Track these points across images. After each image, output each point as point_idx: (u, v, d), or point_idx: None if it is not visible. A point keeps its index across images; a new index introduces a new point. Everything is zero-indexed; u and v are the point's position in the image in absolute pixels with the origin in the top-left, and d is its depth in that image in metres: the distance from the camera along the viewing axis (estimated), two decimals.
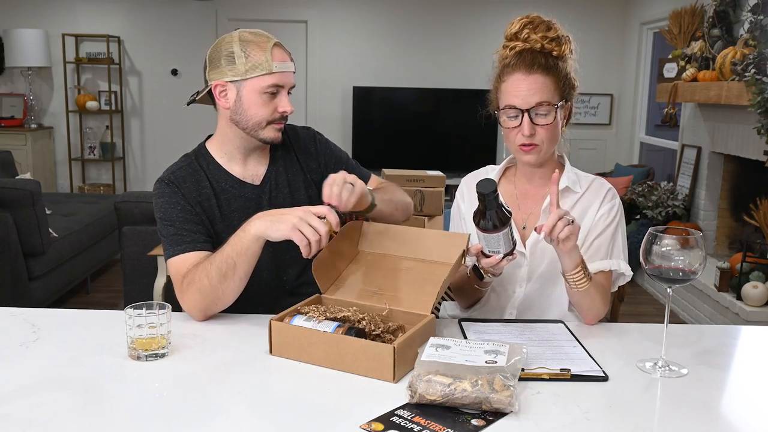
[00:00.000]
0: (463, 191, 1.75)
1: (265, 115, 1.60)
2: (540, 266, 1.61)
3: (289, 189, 1.71)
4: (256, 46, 1.57)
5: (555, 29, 1.57)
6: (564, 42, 1.57)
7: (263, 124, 1.61)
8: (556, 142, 1.59)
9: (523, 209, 1.65)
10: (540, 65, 1.53)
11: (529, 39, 1.55)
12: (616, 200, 1.63)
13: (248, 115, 1.60)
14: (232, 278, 1.46)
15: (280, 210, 1.45)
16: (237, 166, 1.68)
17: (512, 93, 1.53)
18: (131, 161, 6.73)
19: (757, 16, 3.95)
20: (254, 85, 1.57)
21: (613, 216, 1.61)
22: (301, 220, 1.39)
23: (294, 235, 1.39)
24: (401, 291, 1.46)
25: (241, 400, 1.14)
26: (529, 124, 1.52)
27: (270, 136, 1.63)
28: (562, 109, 1.56)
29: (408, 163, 5.26)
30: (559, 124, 1.57)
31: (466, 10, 6.49)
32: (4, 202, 3.60)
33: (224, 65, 1.59)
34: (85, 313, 1.58)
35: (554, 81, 1.53)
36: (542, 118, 1.52)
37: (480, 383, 1.10)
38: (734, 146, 4.34)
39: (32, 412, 1.08)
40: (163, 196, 1.61)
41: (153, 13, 6.45)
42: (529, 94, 1.51)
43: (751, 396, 1.22)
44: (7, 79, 6.45)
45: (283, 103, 1.61)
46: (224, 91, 1.61)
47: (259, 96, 1.58)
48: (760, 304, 3.69)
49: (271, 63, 1.56)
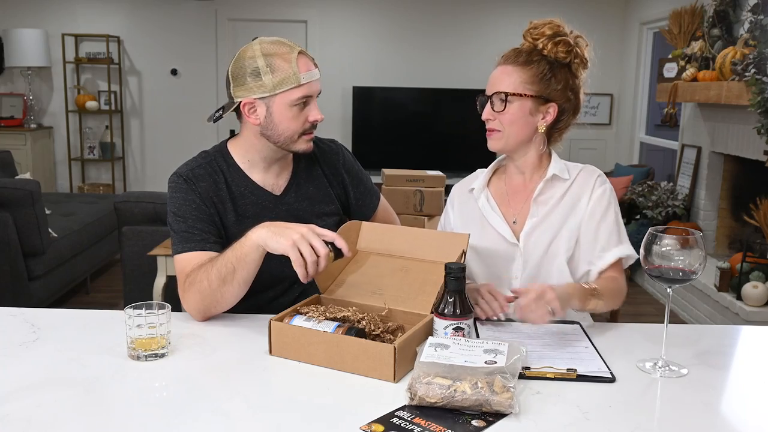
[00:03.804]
0: (453, 200, 1.77)
1: (297, 128, 1.58)
2: (532, 257, 1.61)
3: (310, 202, 1.68)
4: (280, 59, 1.53)
5: (560, 32, 1.58)
6: (561, 44, 1.57)
7: (295, 137, 1.59)
8: (522, 133, 1.59)
9: (512, 205, 1.66)
10: (518, 59, 1.58)
11: (527, 36, 1.60)
12: (607, 184, 1.64)
13: (280, 129, 1.57)
14: (231, 283, 1.46)
15: (285, 223, 1.42)
16: (258, 173, 1.66)
17: (489, 82, 1.62)
18: (131, 161, 6.73)
19: (757, 16, 3.95)
20: (284, 99, 1.54)
21: (608, 199, 1.62)
22: (303, 238, 1.36)
23: (292, 253, 1.35)
24: (401, 291, 1.46)
25: (241, 400, 1.14)
26: (487, 109, 1.60)
27: (302, 147, 1.61)
28: (528, 102, 1.57)
29: (408, 163, 5.26)
30: (525, 116, 1.58)
31: (466, 10, 6.49)
32: (4, 202, 3.60)
33: (250, 82, 1.54)
34: (85, 313, 1.58)
35: (527, 74, 1.56)
36: (499, 105, 1.57)
37: (480, 385, 1.09)
38: (734, 146, 4.34)
39: (32, 412, 1.08)
40: (179, 191, 1.60)
41: (153, 13, 6.45)
42: (495, 82, 1.59)
43: (751, 396, 1.22)
44: (6, 79, 6.45)
45: (314, 112, 1.58)
46: (253, 108, 1.57)
47: (289, 109, 1.55)
48: (760, 304, 3.69)
49: (298, 75, 1.53)
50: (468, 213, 1.70)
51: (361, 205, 1.77)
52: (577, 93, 1.64)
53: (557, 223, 1.61)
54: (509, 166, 1.69)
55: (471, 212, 1.70)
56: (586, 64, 1.63)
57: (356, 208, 1.77)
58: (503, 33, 6.30)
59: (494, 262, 1.63)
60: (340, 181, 1.74)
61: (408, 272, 1.50)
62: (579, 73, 1.63)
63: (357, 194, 1.77)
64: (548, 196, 1.63)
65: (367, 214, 1.78)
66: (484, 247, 1.63)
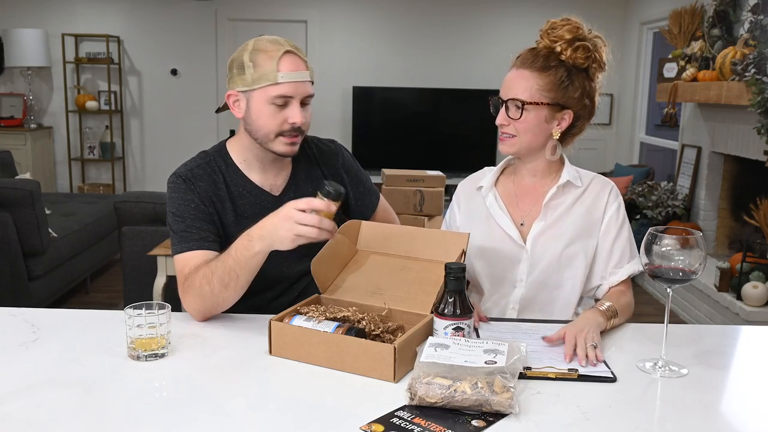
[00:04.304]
0: (459, 197, 1.76)
1: (272, 127, 1.56)
2: (541, 262, 1.61)
3: None
4: (265, 55, 1.54)
5: (580, 35, 1.55)
6: (581, 49, 1.54)
7: (271, 136, 1.57)
8: (536, 140, 1.58)
9: (521, 206, 1.66)
10: (535, 63, 1.55)
11: (545, 37, 1.57)
12: (620, 199, 1.65)
13: (257, 126, 1.57)
14: (234, 288, 1.47)
15: (267, 223, 1.41)
16: (256, 173, 1.65)
17: (503, 84, 1.59)
18: (131, 161, 6.73)
19: (757, 16, 3.95)
20: (261, 95, 1.55)
21: (621, 216, 1.63)
22: (295, 226, 1.36)
23: (300, 241, 1.37)
24: (401, 291, 1.46)
25: (241, 400, 1.14)
26: (502, 115, 1.58)
27: (280, 149, 1.59)
28: (544, 110, 1.55)
29: (408, 163, 5.26)
30: (540, 124, 1.56)
31: (467, 10, 6.48)
32: (4, 202, 3.60)
33: (236, 75, 1.57)
34: (85, 313, 1.58)
35: (544, 81, 1.54)
36: (514, 112, 1.55)
37: (480, 385, 1.09)
38: (734, 146, 4.34)
39: (32, 412, 1.08)
40: (178, 191, 1.60)
41: (153, 13, 6.45)
42: (510, 87, 1.56)
43: (751, 396, 1.22)
44: (6, 79, 6.45)
45: (293, 114, 1.55)
46: (237, 100, 1.59)
47: (266, 107, 1.55)
48: (760, 304, 3.69)
49: (276, 73, 1.53)
50: (474, 210, 1.70)
51: (360, 205, 1.77)
52: (593, 98, 1.62)
53: (569, 232, 1.60)
54: (520, 168, 1.68)
55: (477, 210, 1.69)
56: (604, 68, 1.61)
57: (356, 208, 1.77)
58: (504, 33, 6.31)
59: (499, 262, 1.63)
60: (340, 181, 1.74)
61: (408, 272, 1.50)
62: (596, 77, 1.61)
63: (356, 194, 1.77)
64: (559, 202, 1.62)
65: (367, 214, 1.78)
66: (490, 246, 1.63)
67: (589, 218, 1.61)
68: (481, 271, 1.65)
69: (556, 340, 1.36)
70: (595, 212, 1.62)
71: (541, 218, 1.61)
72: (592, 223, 1.61)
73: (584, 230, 1.61)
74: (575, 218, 1.61)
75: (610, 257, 1.61)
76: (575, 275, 1.60)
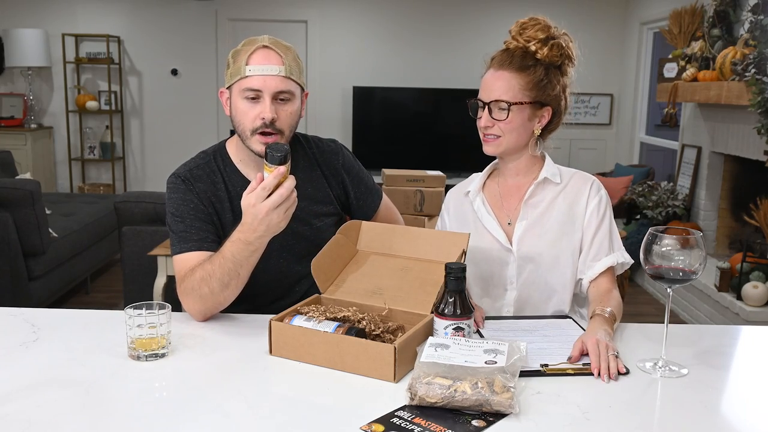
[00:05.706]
0: (448, 204, 1.77)
1: (247, 123, 1.55)
2: (528, 262, 1.61)
3: (308, 202, 1.66)
4: (242, 52, 1.56)
5: (552, 34, 1.57)
6: (555, 47, 1.57)
7: (248, 134, 1.56)
8: (521, 139, 1.60)
9: (506, 206, 1.66)
10: (513, 64, 1.57)
11: (517, 37, 1.59)
12: (602, 192, 1.65)
13: (236, 122, 1.59)
14: (235, 286, 1.47)
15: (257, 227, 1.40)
16: (254, 173, 1.64)
17: (481, 86, 1.61)
18: (131, 161, 6.73)
19: (757, 16, 3.95)
20: (235, 90, 1.56)
21: (603, 209, 1.62)
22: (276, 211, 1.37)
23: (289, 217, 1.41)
24: (401, 291, 1.46)
25: (241, 400, 1.14)
26: (486, 117, 1.59)
27: (256, 148, 1.57)
28: (527, 108, 1.57)
29: (408, 163, 5.25)
30: (524, 123, 1.58)
31: (466, 10, 6.49)
32: (4, 202, 3.60)
33: (224, 73, 1.61)
34: (85, 313, 1.58)
35: (525, 81, 1.56)
36: (499, 113, 1.57)
37: (480, 385, 1.09)
38: (734, 146, 4.34)
39: (32, 412, 1.08)
40: (177, 192, 1.60)
41: (153, 13, 6.45)
42: (492, 89, 1.58)
43: (751, 396, 1.22)
44: (7, 79, 6.45)
45: (263, 109, 1.53)
46: (226, 98, 1.63)
47: (240, 102, 1.56)
48: (760, 304, 3.69)
49: (245, 67, 1.53)
50: (463, 216, 1.70)
51: (362, 205, 1.77)
52: (566, 92, 1.65)
53: (554, 229, 1.61)
54: (504, 168, 1.69)
55: (466, 215, 1.70)
56: (574, 62, 1.64)
57: (357, 208, 1.77)
58: (503, 33, 6.25)
59: (488, 266, 1.64)
60: (340, 181, 1.74)
61: (408, 272, 1.50)
62: (568, 72, 1.64)
63: (357, 194, 1.76)
64: (539, 199, 1.63)
65: (369, 214, 1.78)
66: (479, 250, 1.63)
67: (572, 214, 1.62)
68: (473, 276, 1.65)
69: (579, 356, 1.32)
70: (576, 207, 1.62)
71: (522, 217, 1.62)
72: (574, 219, 1.62)
73: (568, 226, 1.61)
74: (558, 215, 1.62)
75: (589, 251, 1.61)
76: (565, 272, 1.60)
